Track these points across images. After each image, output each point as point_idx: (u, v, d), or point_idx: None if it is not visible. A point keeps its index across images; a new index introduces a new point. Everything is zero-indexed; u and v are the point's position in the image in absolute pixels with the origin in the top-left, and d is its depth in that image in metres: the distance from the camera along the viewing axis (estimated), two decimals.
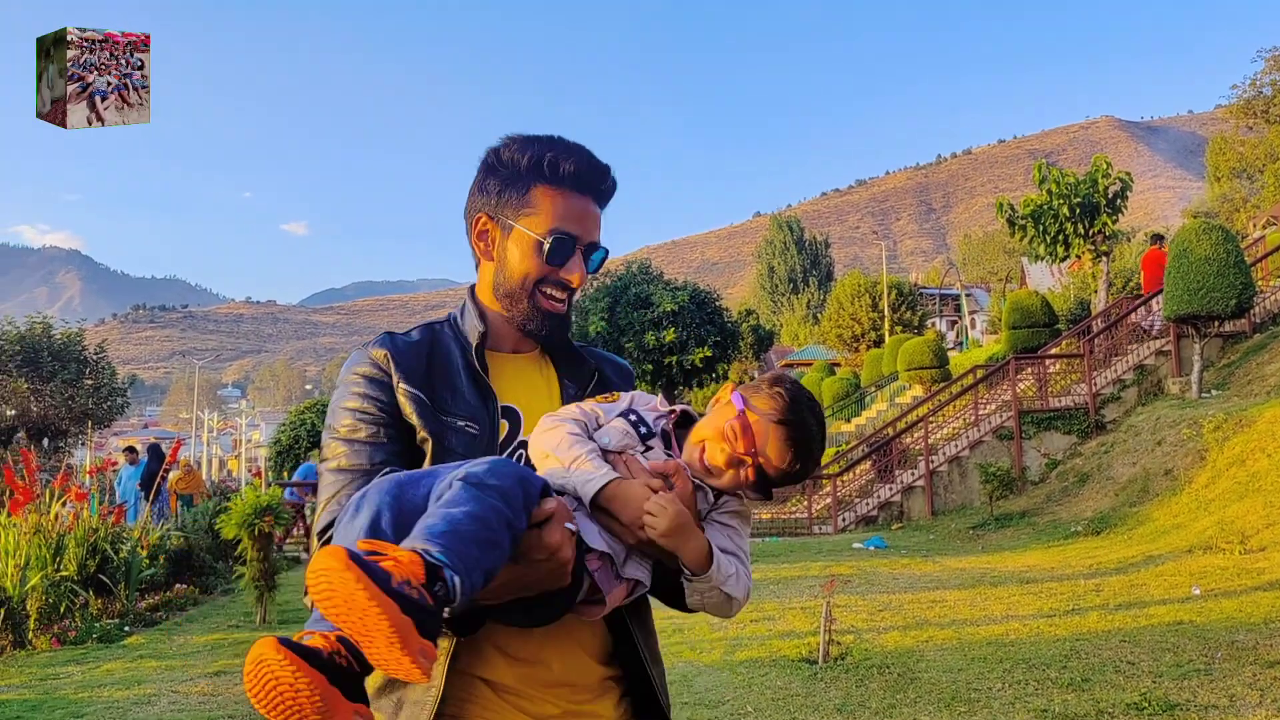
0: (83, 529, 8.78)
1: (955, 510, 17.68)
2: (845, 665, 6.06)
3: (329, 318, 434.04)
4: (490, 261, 1.66)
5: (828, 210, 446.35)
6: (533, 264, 1.61)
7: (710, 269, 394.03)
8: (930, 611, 7.94)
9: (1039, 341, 24.05)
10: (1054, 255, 23.61)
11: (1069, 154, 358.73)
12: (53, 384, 28.48)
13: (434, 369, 1.60)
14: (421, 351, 1.61)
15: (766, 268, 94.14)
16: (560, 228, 1.60)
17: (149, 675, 6.55)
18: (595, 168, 1.64)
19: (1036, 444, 17.71)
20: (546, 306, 1.63)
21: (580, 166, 1.62)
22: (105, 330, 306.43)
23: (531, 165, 1.61)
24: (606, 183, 1.67)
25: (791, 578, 10.55)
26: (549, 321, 1.64)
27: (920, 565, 11.53)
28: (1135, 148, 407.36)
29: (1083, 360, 18.27)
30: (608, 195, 1.69)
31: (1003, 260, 72.10)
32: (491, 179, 1.64)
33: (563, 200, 1.61)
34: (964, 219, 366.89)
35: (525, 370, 1.69)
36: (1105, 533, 12.85)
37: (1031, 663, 5.89)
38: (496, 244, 1.65)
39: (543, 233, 1.59)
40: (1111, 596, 8.15)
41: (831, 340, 51.96)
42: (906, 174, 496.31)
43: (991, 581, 9.59)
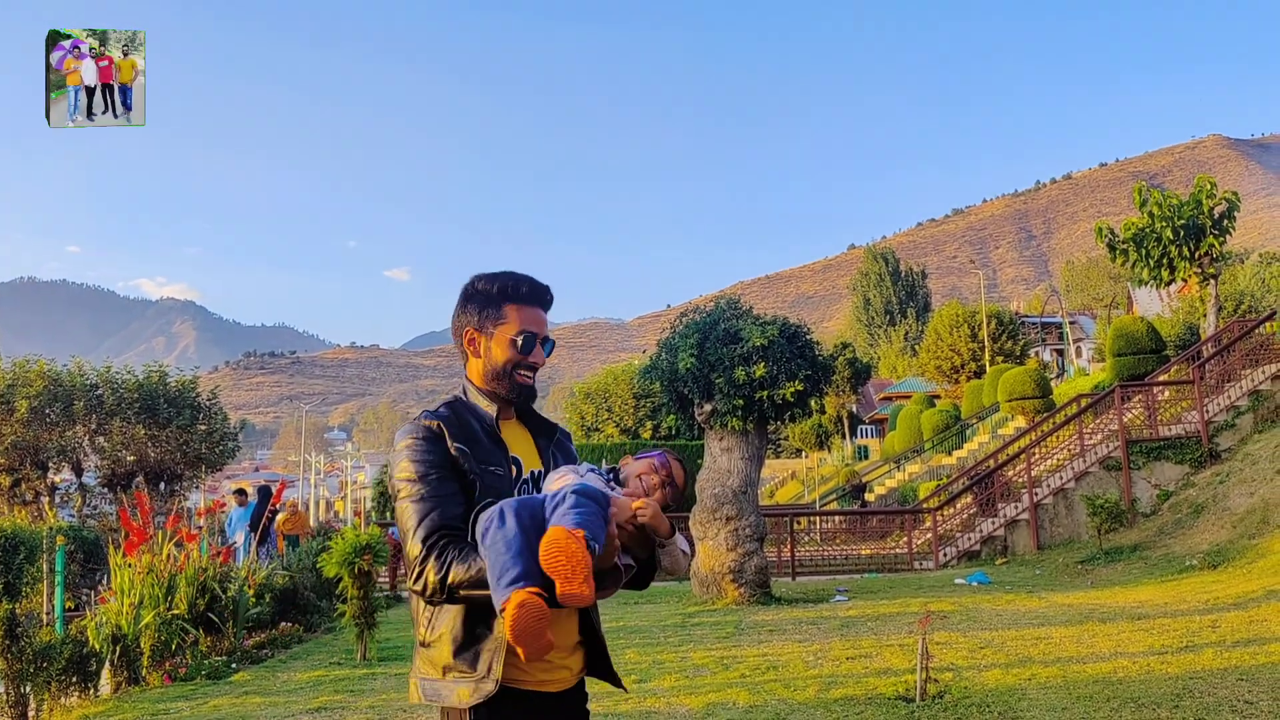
0: (192, 569, 9.07)
1: (1061, 544, 17.13)
2: (944, 704, 5.90)
3: (430, 360, 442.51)
4: (478, 358, 2.41)
5: (924, 240, 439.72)
6: (510, 354, 2.38)
7: (805, 303, 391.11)
8: (1034, 649, 7.69)
9: (1146, 369, 23.28)
10: (1158, 280, 22.86)
11: (1175, 175, 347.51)
12: (168, 430, 29.51)
13: (467, 433, 2.29)
14: (456, 421, 2.30)
15: (862, 300, 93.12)
16: (525, 329, 2.39)
17: (254, 711, 6.71)
18: (541, 288, 2.46)
19: (1146, 474, 17.09)
20: (521, 381, 2.41)
21: (533, 288, 2.43)
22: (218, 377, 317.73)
23: (500, 291, 2.40)
24: (549, 297, 2.47)
25: (890, 614, 10.33)
26: (524, 392, 2.42)
27: (1024, 601, 11.18)
28: (1246, 165, 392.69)
29: (1193, 386, 17.61)
30: (550, 304, 2.48)
31: (1108, 286, 70.01)
32: (471, 304, 2.42)
33: (524, 311, 2.40)
34: (1066, 245, 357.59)
35: (516, 432, 2.44)
36: (1222, 566, 12.31)
37: (1141, 702, 5.65)
38: (482, 346, 2.40)
39: (514, 334, 2.38)
40: (1229, 633, 7.79)
41: (930, 372, 51.04)
42: (1004, 201, 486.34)
43: (1100, 618, 9.25)
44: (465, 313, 2.42)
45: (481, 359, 2.40)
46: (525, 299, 2.40)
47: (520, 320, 2.38)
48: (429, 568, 2.07)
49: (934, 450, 35.59)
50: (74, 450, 28.09)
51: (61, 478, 28.95)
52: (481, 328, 2.39)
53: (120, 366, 31.45)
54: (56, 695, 7.08)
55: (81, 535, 16.64)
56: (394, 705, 6.74)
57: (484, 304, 2.40)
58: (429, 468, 2.19)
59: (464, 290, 2.45)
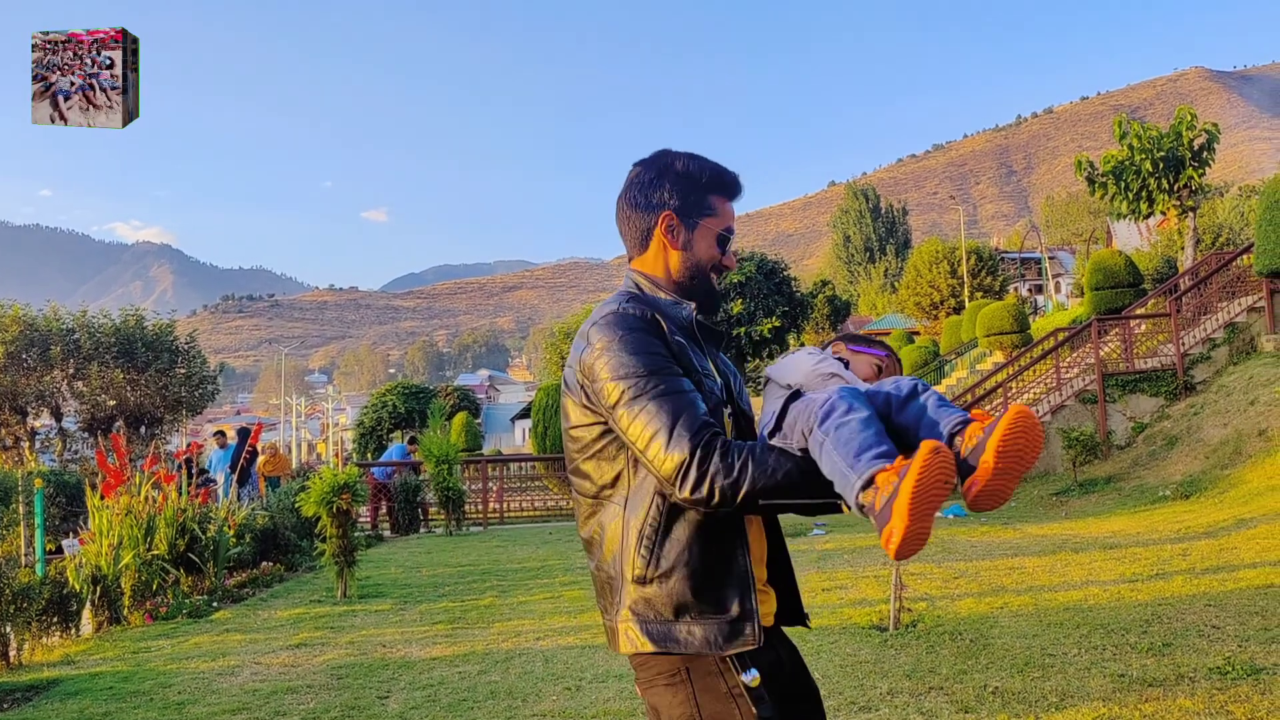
0: (171, 510, 9.06)
1: (1037, 477, 17.33)
2: (916, 632, 5.98)
3: (409, 302, 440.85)
4: (676, 250, 2.03)
5: (904, 177, 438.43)
6: (715, 252, 2.04)
7: (786, 240, 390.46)
8: (1007, 578, 7.80)
9: (1124, 302, 23.38)
10: (1137, 213, 22.88)
11: (1156, 108, 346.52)
12: (147, 374, 29.38)
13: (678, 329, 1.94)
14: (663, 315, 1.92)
15: (842, 237, 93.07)
16: (730, 226, 2.06)
17: (234, 648, 6.76)
18: (740, 184, 2.10)
19: (1122, 407, 17.26)
20: (717, 285, 2.08)
21: (737, 182, 2.09)
22: (196, 321, 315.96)
23: (708, 178, 2.04)
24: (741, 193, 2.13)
25: (866, 547, 10.45)
26: (717, 299, 2.10)
27: (999, 532, 11.33)
28: (1228, 98, 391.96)
29: (1170, 320, 17.71)
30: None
31: (1088, 221, 70.23)
32: (675, 187, 2.02)
33: (729, 207, 2.07)
34: (1046, 180, 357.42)
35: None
36: (1195, 497, 12.49)
37: (1110, 628, 5.75)
38: (683, 238, 2.02)
39: (723, 229, 2.04)
40: (1199, 561, 7.92)
41: (910, 308, 51.22)
42: (985, 136, 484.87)
43: (1073, 548, 9.38)
44: (667, 194, 2.01)
45: (680, 252, 2.02)
46: (731, 192, 2.07)
47: (727, 215, 2.06)
48: (713, 469, 1.68)
49: None
50: (52, 395, 27.95)
51: (41, 423, 28.83)
52: (686, 215, 2.02)
53: (96, 311, 31.19)
54: (38, 635, 7.09)
55: (63, 479, 16.61)
56: (373, 641, 6.79)
57: (689, 189, 2.03)
58: (663, 360, 1.82)
59: (659, 167, 2.04)
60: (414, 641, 6.73)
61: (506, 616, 7.56)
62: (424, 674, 5.74)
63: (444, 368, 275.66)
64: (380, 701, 5.20)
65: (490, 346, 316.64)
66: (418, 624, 7.42)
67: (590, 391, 1.85)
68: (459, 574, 10.37)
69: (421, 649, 6.46)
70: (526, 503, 19.08)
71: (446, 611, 7.90)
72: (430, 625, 7.32)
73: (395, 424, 39.18)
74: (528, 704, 4.99)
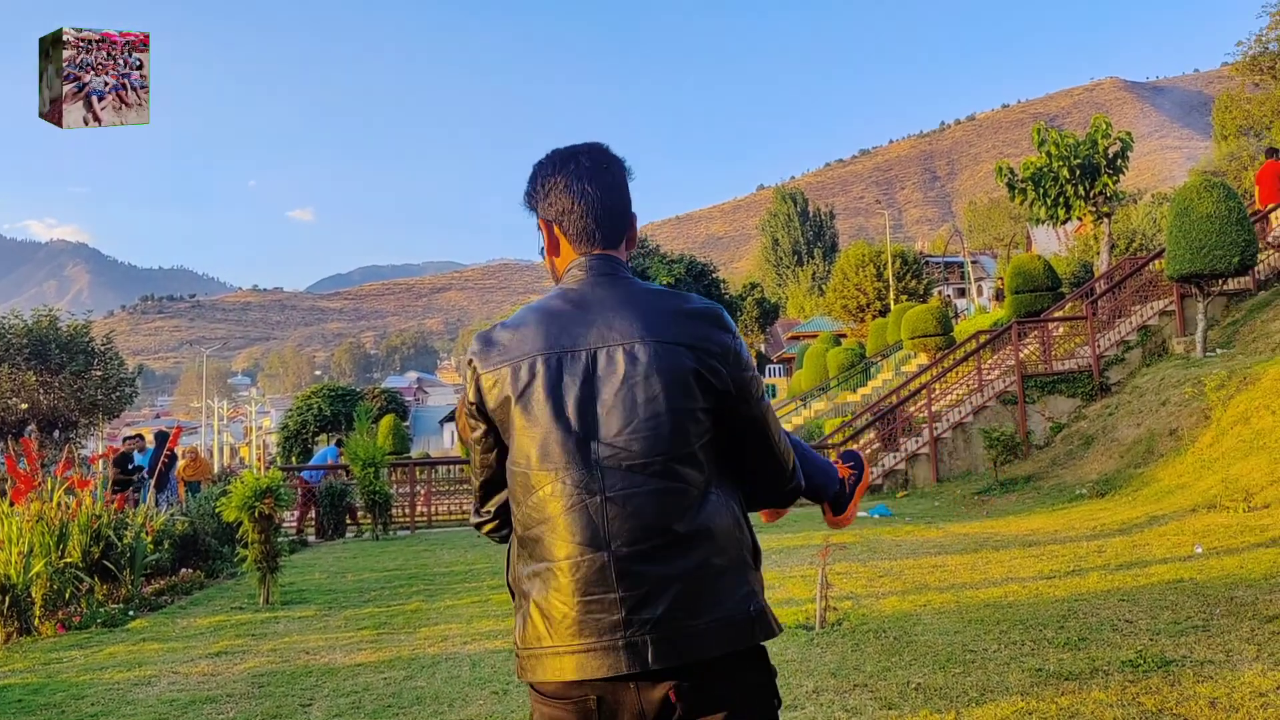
0: (85, 516, 8.81)
1: (960, 476, 17.68)
2: (842, 630, 6.06)
3: (336, 303, 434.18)
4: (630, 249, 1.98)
5: (832, 181, 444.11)
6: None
7: (716, 243, 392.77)
8: (930, 576, 7.94)
9: (1043, 306, 23.97)
10: (1055, 218, 23.48)
11: (1074, 116, 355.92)
12: (61, 376, 28.58)
13: None
14: None
15: (771, 240, 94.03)
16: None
17: (151, 657, 6.58)
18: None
19: (1041, 408, 17.68)
20: None
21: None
22: (114, 322, 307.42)
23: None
24: None
25: (794, 547, 10.56)
26: None
27: (923, 531, 11.53)
28: (1141, 108, 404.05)
29: (1086, 323, 18.19)
30: None
31: (1009, 226, 71.74)
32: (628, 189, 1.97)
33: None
34: (969, 186, 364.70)
35: None
36: (1110, 495, 12.83)
37: (1029, 624, 5.88)
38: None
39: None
40: (1113, 557, 8.14)
41: (837, 311, 51.84)
42: (910, 142, 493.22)
43: (994, 545, 9.58)
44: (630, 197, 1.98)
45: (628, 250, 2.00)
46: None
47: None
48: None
49: (839, 388, 36.29)
50: None
51: None
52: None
53: (7, 311, 30.26)
54: None
55: None
56: (296, 648, 6.67)
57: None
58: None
59: (623, 168, 1.96)
60: (338, 648, 6.62)
61: (433, 621, 7.47)
62: (348, 681, 5.66)
63: (371, 370, 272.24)
64: (303, 709, 5.11)
65: (418, 348, 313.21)
66: (342, 630, 7.30)
67: (737, 379, 1.78)
68: (385, 579, 10.24)
69: (346, 655, 6.36)
70: (455, 506, 18.90)
71: (372, 617, 7.79)
72: (355, 631, 7.21)
73: (321, 427, 38.58)
74: (454, 709, 4.94)
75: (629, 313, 1.79)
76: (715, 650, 1.68)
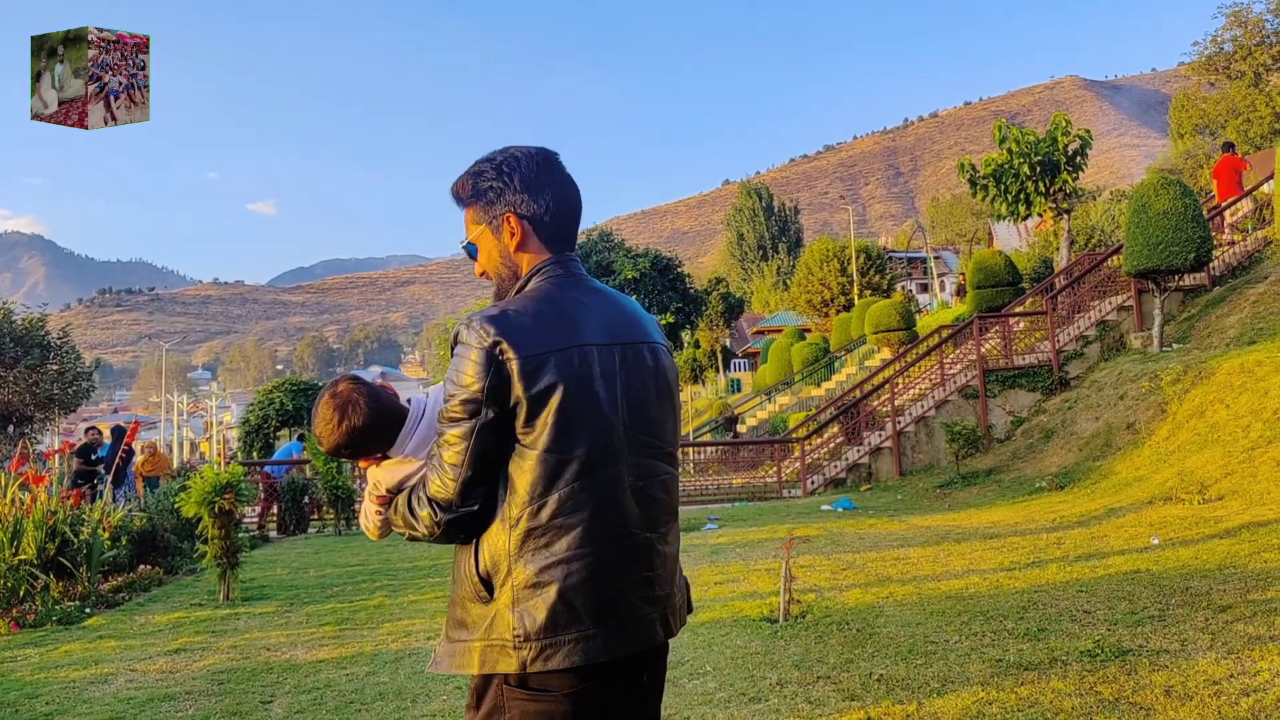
0: (40, 512, 8.66)
1: (922, 470, 17.83)
2: (805, 623, 6.09)
3: (298, 297, 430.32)
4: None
5: (796, 177, 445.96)
6: None
7: (681, 238, 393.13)
8: (893, 569, 7.99)
9: (1004, 301, 24.21)
10: (1016, 214, 23.69)
11: (1035, 114, 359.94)
12: (16, 370, 28.10)
13: None
14: None
15: (736, 235, 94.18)
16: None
17: (107, 655, 6.49)
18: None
19: (1002, 402, 17.86)
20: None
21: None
22: (70, 315, 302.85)
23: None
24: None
25: (758, 540, 10.60)
26: None
27: (886, 524, 11.61)
28: (1100, 106, 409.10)
29: (1046, 318, 18.39)
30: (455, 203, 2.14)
31: (971, 222, 72.36)
32: None
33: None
34: (932, 182, 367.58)
35: None
36: (1069, 487, 12.98)
37: (989, 615, 5.94)
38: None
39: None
40: (1072, 549, 8.23)
41: (801, 306, 52.06)
42: (874, 138, 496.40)
43: (955, 538, 9.67)
44: None
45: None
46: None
47: None
48: None
49: (804, 382, 36.47)
50: None
51: None
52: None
53: None
54: None
55: None
56: (257, 644, 6.60)
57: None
58: None
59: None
60: (300, 644, 6.56)
61: (397, 616, 7.43)
62: (310, 677, 5.60)
63: (334, 364, 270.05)
64: (264, 706, 5.06)
65: (382, 342, 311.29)
66: (304, 626, 7.24)
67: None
68: (348, 574, 10.16)
69: (307, 651, 6.30)
70: None
71: (334, 613, 7.73)
72: (317, 627, 7.15)
73: (283, 422, 38.08)
74: (418, 704, 4.91)
75: (628, 313, 1.90)
76: (684, 622, 1.91)
